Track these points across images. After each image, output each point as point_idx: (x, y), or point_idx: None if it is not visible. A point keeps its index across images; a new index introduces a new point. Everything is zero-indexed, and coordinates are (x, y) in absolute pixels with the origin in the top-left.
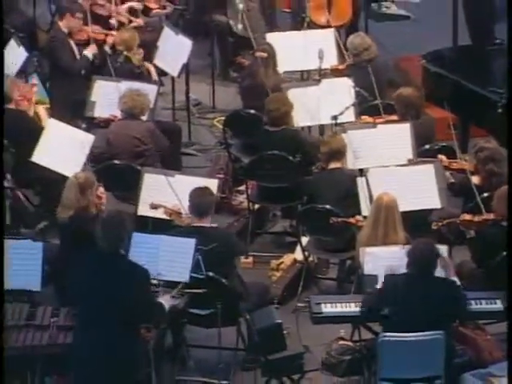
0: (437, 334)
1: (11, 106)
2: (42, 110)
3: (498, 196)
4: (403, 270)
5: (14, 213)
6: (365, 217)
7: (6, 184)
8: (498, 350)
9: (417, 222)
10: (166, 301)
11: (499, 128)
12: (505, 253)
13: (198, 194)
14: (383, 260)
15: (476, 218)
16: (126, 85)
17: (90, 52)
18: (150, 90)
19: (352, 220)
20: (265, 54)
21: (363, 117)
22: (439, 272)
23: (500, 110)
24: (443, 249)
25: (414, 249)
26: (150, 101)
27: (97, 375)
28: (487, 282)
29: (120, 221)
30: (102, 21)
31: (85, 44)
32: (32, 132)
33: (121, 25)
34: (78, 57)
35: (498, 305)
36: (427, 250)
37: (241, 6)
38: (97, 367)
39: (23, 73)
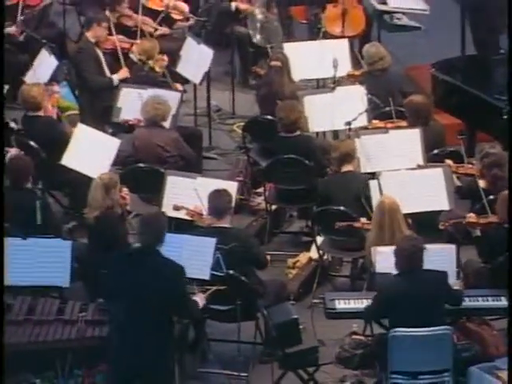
0: (444, 329)
1: (41, 113)
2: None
3: (500, 200)
4: None
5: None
6: (370, 219)
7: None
8: (503, 344)
9: (426, 223)
10: (200, 299)
11: (504, 133)
12: (507, 253)
13: (217, 196)
14: (393, 258)
15: (481, 220)
16: (149, 92)
17: (119, 77)
18: (172, 96)
19: (358, 224)
20: (279, 63)
21: (374, 121)
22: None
23: (505, 117)
24: (451, 248)
25: (398, 247)
26: (171, 107)
27: (132, 365)
28: (493, 279)
29: (160, 220)
30: (127, 30)
31: (110, 53)
32: (60, 137)
33: (144, 34)
34: (104, 64)
35: (503, 302)
36: (410, 246)
37: (260, 18)
38: (132, 358)
39: (54, 81)
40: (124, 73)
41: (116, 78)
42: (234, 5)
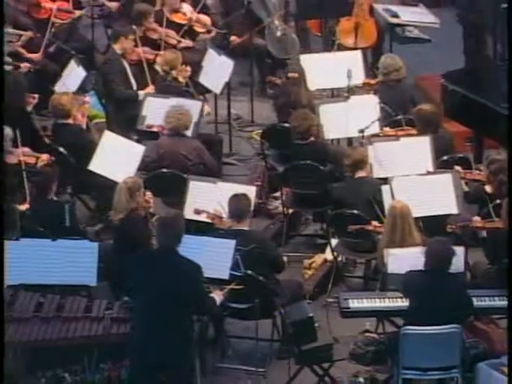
0: (454, 328)
1: (70, 121)
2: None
3: (505, 206)
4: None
5: (71, 216)
6: (381, 222)
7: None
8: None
9: (436, 226)
10: (218, 296)
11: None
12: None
13: (237, 200)
14: (405, 260)
15: (487, 224)
16: (172, 101)
17: (145, 91)
18: (194, 105)
19: (370, 227)
20: (296, 74)
21: (385, 129)
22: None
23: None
24: (459, 250)
25: (430, 248)
26: (193, 116)
27: (154, 360)
28: (499, 280)
29: (177, 222)
30: (152, 42)
31: (136, 64)
32: (88, 144)
33: (169, 46)
34: (130, 75)
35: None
36: (442, 249)
37: (278, 30)
38: (153, 353)
39: (82, 90)
40: (149, 90)
41: (142, 93)
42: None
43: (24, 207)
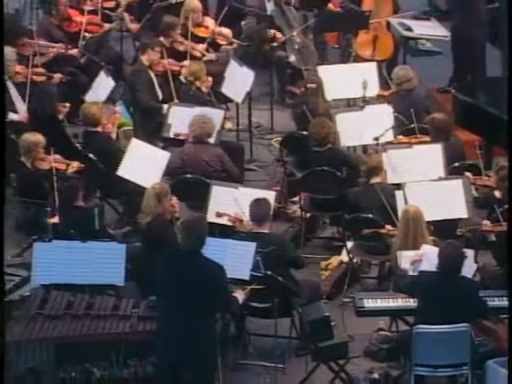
0: (463, 327)
1: (99, 129)
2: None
3: None
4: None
5: (100, 219)
6: (395, 226)
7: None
8: None
9: (447, 230)
10: (240, 295)
11: None
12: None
13: (258, 205)
14: (417, 262)
15: (496, 228)
16: (196, 110)
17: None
18: (216, 114)
19: (383, 230)
20: (314, 85)
21: (399, 137)
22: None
23: None
24: (469, 253)
25: (443, 250)
26: (215, 124)
27: (179, 356)
28: (508, 281)
29: (200, 225)
30: (176, 54)
31: (161, 75)
32: (116, 151)
33: (194, 58)
34: (156, 85)
35: None
36: (455, 252)
37: (297, 42)
38: (178, 350)
39: (111, 100)
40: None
41: (166, 106)
42: (272, 32)
43: (54, 220)
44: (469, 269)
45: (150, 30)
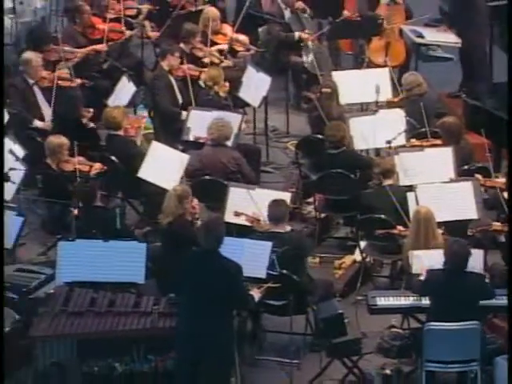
0: (473, 324)
1: (120, 132)
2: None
3: None
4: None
5: (122, 219)
6: (406, 226)
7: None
8: None
9: (457, 230)
10: (255, 293)
11: None
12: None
13: (275, 205)
14: (428, 261)
15: (505, 228)
16: (214, 114)
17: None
18: (234, 118)
19: (395, 231)
20: (329, 90)
21: (412, 140)
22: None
23: None
24: (479, 252)
25: (450, 248)
26: (233, 128)
27: (198, 352)
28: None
29: (218, 225)
30: (196, 60)
31: (181, 80)
32: (136, 154)
33: (212, 64)
34: (176, 90)
35: None
36: (459, 249)
37: (313, 49)
38: (197, 347)
39: (132, 104)
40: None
41: (184, 113)
42: (297, 34)
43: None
44: (478, 267)
45: (170, 37)
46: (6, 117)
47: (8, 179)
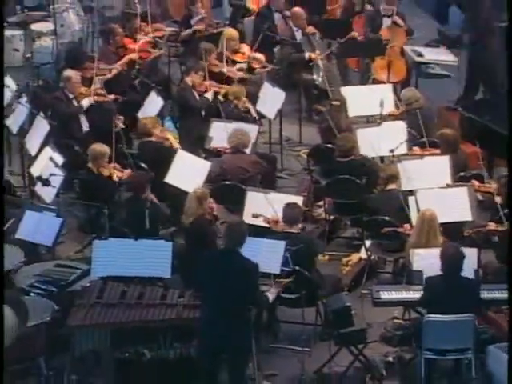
0: (468, 316)
1: (152, 138)
2: (171, 138)
3: None
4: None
5: (151, 219)
6: (412, 226)
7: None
8: None
9: (454, 231)
10: (271, 293)
11: None
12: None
13: (290, 208)
14: (427, 259)
15: (499, 228)
16: (234, 125)
17: (208, 95)
18: (252, 129)
19: (401, 229)
20: (338, 103)
21: (414, 148)
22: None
23: None
24: (473, 251)
25: (445, 253)
26: (251, 137)
27: (219, 341)
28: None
29: (241, 228)
30: (217, 76)
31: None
32: (165, 160)
33: (231, 79)
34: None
35: None
36: (454, 253)
37: (322, 67)
38: (218, 337)
39: (160, 116)
40: (210, 94)
41: (208, 95)
42: (307, 54)
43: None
44: (472, 265)
45: (192, 55)
46: (47, 128)
47: (48, 184)
